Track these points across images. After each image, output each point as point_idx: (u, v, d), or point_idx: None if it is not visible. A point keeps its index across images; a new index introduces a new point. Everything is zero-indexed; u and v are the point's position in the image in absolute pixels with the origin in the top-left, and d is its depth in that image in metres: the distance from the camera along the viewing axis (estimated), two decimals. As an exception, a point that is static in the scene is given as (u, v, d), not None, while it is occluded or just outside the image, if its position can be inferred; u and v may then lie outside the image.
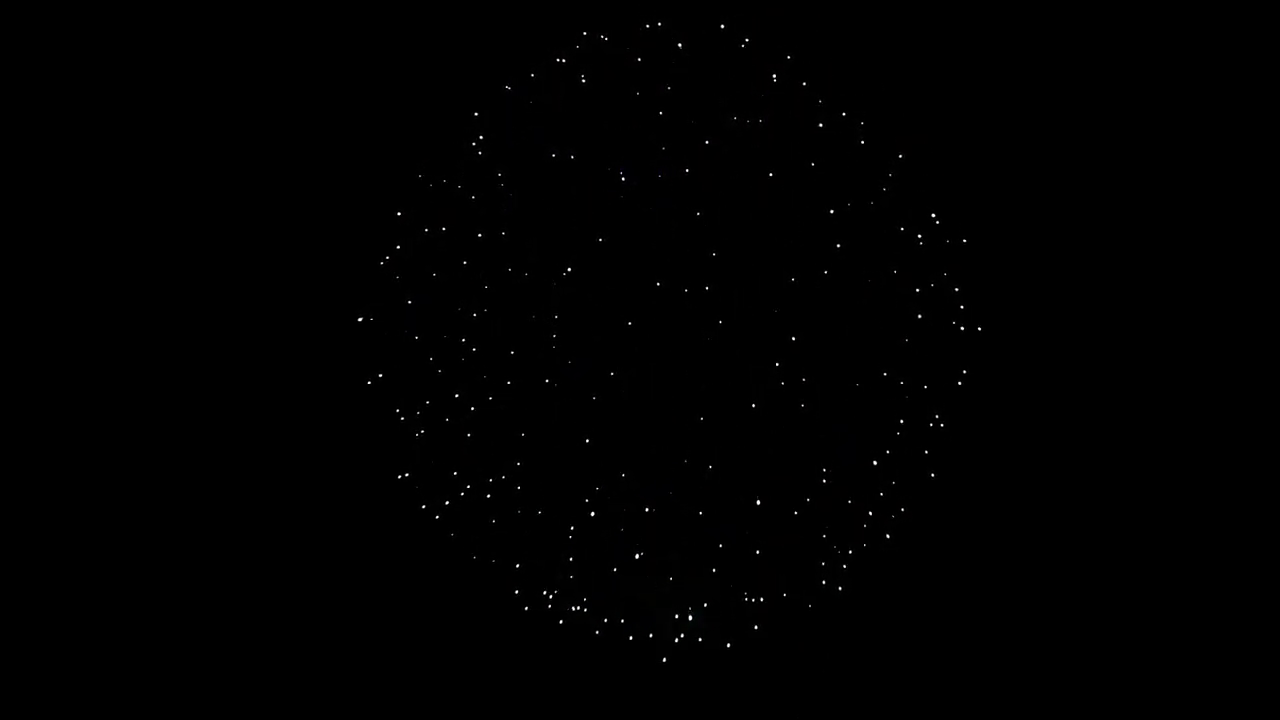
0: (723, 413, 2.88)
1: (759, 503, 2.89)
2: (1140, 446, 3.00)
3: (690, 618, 2.93)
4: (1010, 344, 2.99)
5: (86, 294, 2.94)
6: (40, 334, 2.93)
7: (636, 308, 2.85)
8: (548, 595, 2.93)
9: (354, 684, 2.96)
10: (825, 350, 2.90)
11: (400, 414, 2.92)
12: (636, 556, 2.88)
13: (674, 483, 2.89)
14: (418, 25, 2.92)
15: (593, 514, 2.88)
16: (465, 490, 2.92)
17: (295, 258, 2.94)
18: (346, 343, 2.93)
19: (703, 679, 2.98)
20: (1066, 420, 3.00)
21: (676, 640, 2.95)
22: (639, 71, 2.87)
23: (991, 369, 2.98)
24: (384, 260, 2.91)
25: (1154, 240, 3.01)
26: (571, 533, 2.90)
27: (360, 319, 2.92)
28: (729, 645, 2.95)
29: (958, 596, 3.00)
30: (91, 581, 2.94)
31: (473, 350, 2.89)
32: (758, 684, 2.99)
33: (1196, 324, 3.00)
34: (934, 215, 2.95)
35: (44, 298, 2.94)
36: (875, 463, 2.92)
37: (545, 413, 2.88)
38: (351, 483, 2.96)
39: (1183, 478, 2.99)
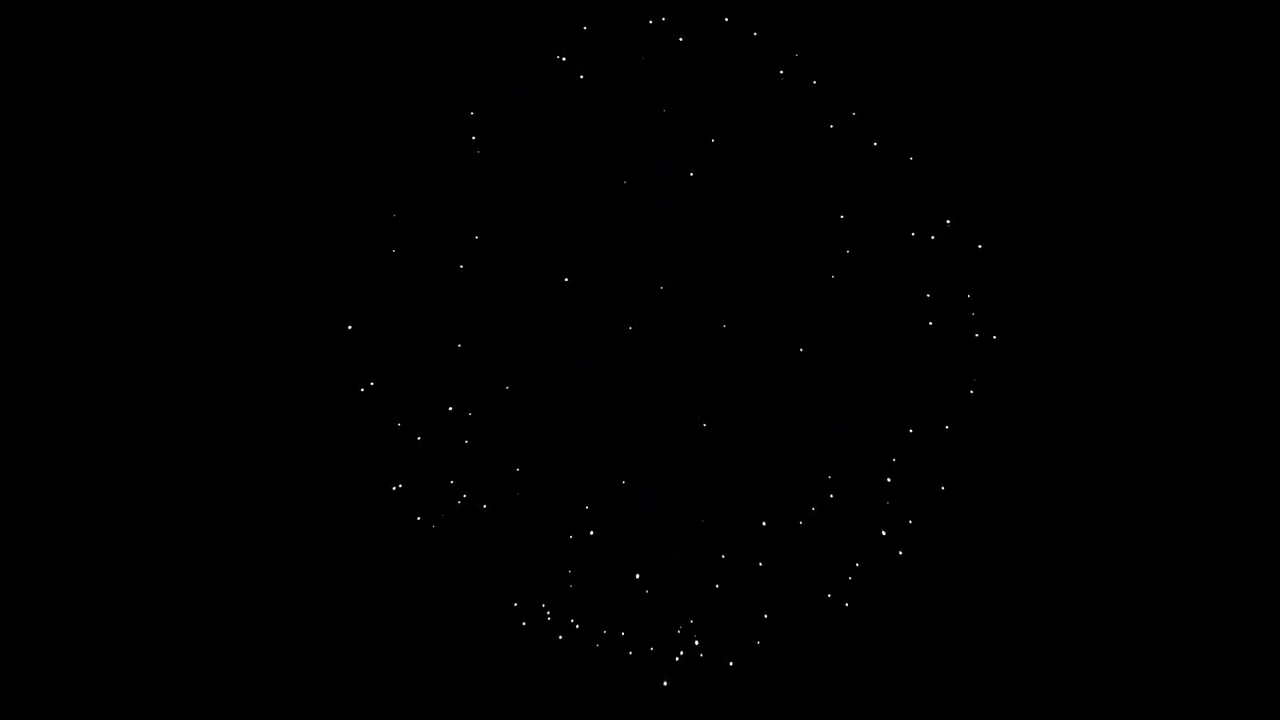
0: (726, 421, 2.85)
1: (763, 514, 2.85)
2: (1163, 459, 2.94)
3: (693, 634, 2.89)
4: (1025, 353, 2.94)
5: (67, 295, 2.92)
6: (26, 336, 2.91)
7: (638, 312, 2.83)
8: (546, 609, 2.89)
9: (347, 703, 2.92)
10: (833, 357, 2.86)
11: (395, 422, 2.89)
12: (637, 576, 2.86)
13: (675, 492, 2.85)
14: (417, 24, 2.89)
15: (592, 527, 2.85)
16: (461, 500, 2.88)
17: (286, 261, 2.92)
18: (338, 349, 2.90)
19: (704, 697, 2.94)
20: (1084, 432, 2.94)
21: (677, 658, 2.91)
22: (641, 70, 2.84)
23: (1005, 378, 2.93)
24: (378, 264, 2.89)
25: (1181, 250, 2.95)
26: (570, 544, 2.87)
27: (352, 325, 2.89)
28: (731, 663, 2.91)
29: (970, 613, 2.95)
30: (75, 594, 2.91)
31: (469, 356, 2.86)
32: (761, 703, 2.94)
33: (1223, 335, 2.94)
34: (947, 220, 2.91)
35: (31, 299, 2.92)
36: (883, 474, 2.88)
37: (543, 420, 2.85)
38: (343, 494, 2.92)
39: (1209, 486, 2.93)
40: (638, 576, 2.86)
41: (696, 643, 2.89)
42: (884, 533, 2.89)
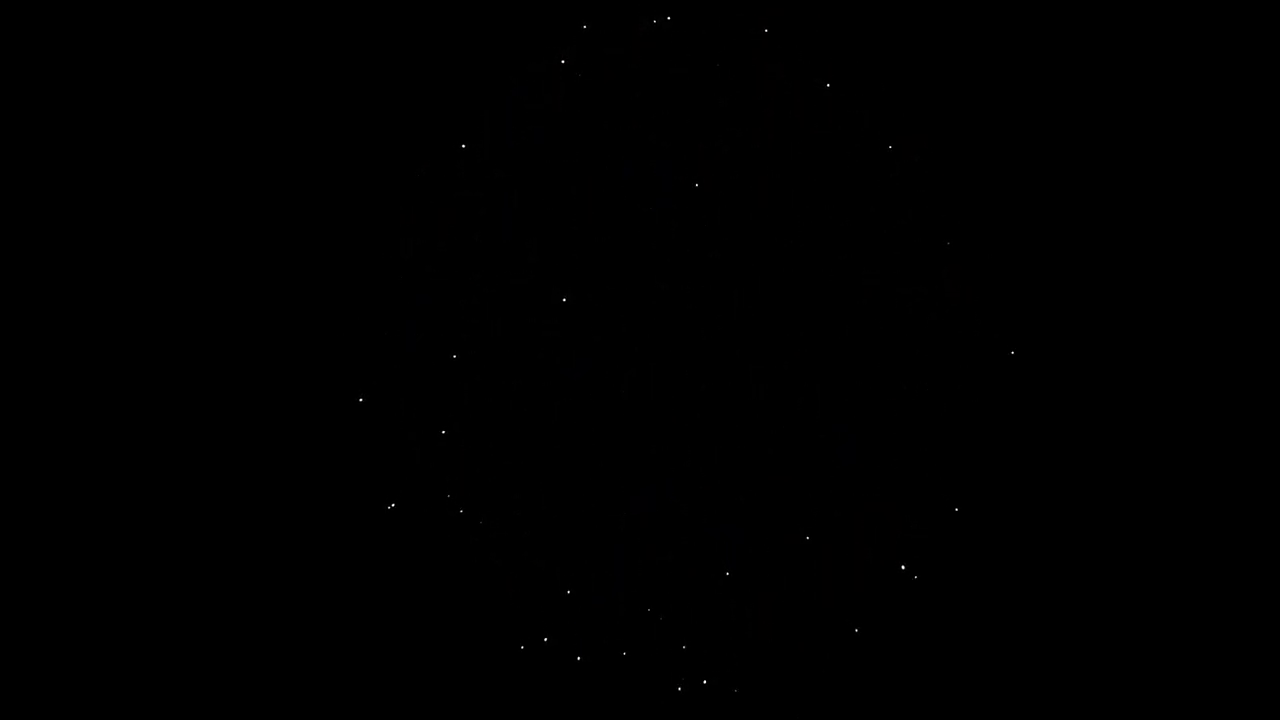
0: (729, 435, 2.80)
1: (766, 524, 2.79)
2: (1186, 470, 2.85)
3: (693, 659, 2.80)
4: (1042, 364, 2.88)
5: (63, 296, 2.91)
6: (22, 336, 2.90)
7: (639, 313, 2.81)
8: (544, 632, 2.81)
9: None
10: (840, 368, 2.82)
11: (394, 432, 2.86)
12: (644, 607, 2.79)
13: (678, 509, 2.79)
14: (416, 24, 2.95)
15: (591, 534, 2.79)
16: (459, 512, 2.82)
17: (285, 261, 2.91)
18: (335, 356, 2.88)
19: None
20: (1105, 445, 2.86)
21: (678, 688, 2.81)
22: (642, 70, 2.87)
23: (1021, 391, 2.87)
24: (377, 264, 2.88)
25: (1198, 257, 2.91)
26: (569, 557, 2.80)
27: (349, 326, 2.88)
28: (736, 691, 2.81)
29: (986, 635, 2.84)
30: (61, 609, 2.86)
31: (468, 361, 2.84)
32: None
33: (1236, 339, 2.89)
34: (957, 224, 2.89)
35: (27, 299, 2.92)
36: (892, 491, 2.81)
37: (543, 427, 2.81)
38: (337, 506, 2.86)
39: (1238, 496, 2.83)
40: (642, 606, 2.79)
41: (703, 679, 2.80)
42: (891, 547, 2.81)
